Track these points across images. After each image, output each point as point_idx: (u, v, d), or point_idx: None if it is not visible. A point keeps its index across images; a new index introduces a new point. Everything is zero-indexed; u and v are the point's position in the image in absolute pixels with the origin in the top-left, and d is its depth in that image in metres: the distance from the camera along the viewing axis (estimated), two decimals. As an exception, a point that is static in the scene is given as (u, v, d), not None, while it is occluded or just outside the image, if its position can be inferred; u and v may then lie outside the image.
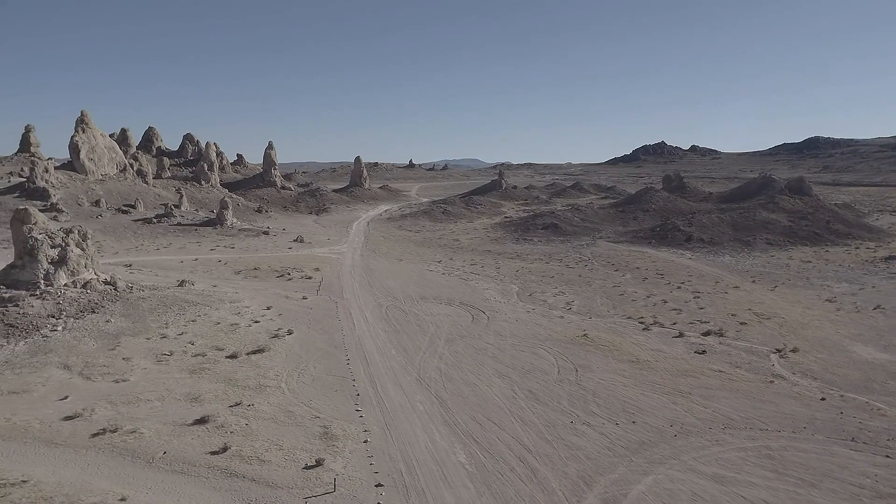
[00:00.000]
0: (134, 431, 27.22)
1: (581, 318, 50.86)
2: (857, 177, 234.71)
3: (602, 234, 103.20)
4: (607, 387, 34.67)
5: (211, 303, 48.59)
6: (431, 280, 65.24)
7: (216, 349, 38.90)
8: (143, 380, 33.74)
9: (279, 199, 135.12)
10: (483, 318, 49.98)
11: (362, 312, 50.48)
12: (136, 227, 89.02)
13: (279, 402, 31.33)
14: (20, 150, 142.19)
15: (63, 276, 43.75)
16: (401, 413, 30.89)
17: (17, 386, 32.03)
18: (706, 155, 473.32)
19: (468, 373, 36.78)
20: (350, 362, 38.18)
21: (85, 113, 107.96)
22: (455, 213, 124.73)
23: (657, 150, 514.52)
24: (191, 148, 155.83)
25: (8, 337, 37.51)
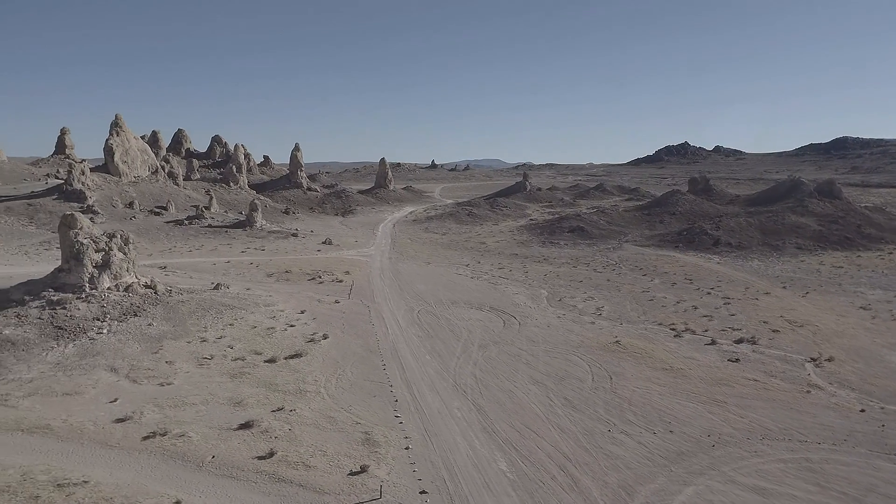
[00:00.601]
0: (182, 435, 28.06)
1: (612, 324, 50.95)
2: (888, 178, 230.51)
3: (628, 238, 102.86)
4: (642, 395, 34.84)
5: (246, 306, 49.58)
6: (460, 284, 65.71)
7: (255, 353, 39.75)
8: (187, 383, 34.66)
9: (305, 200, 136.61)
10: (514, 323, 50.33)
11: (394, 317, 51.12)
12: (169, 228, 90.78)
13: (320, 408, 32.02)
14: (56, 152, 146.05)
15: (107, 280, 45.00)
16: (439, 420, 31.41)
17: (70, 388, 33.14)
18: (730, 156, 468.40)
19: (504, 379, 37.19)
20: (386, 367, 38.80)
21: (119, 116, 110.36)
22: (480, 216, 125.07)
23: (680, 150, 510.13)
24: (219, 149, 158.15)
25: (58, 339, 38.74)
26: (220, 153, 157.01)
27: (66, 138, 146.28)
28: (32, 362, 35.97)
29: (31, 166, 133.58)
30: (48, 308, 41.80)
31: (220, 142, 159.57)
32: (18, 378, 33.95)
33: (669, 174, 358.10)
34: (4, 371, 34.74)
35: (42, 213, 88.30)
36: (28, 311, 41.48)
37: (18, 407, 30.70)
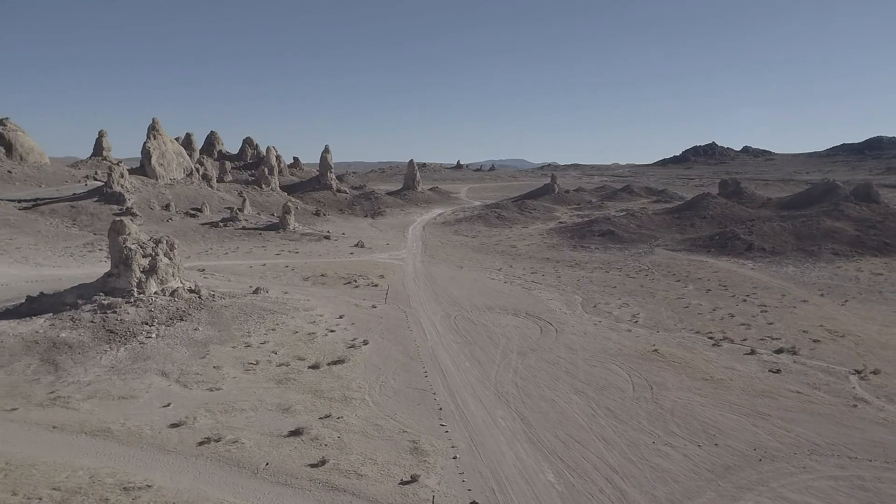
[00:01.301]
0: (236, 441, 28.84)
1: (649, 331, 50.89)
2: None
3: (659, 242, 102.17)
4: (684, 406, 34.88)
5: (286, 311, 50.48)
6: (494, 289, 66.05)
7: (298, 359, 40.54)
8: (235, 389, 35.53)
9: (335, 202, 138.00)
10: (551, 330, 50.54)
11: (432, 322, 51.66)
12: (204, 230, 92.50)
13: (366, 416, 32.62)
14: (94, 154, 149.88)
15: (153, 285, 46.21)
16: (484, 429, 31.82)
17: (125, 391, 34.21)
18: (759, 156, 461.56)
19: (545, 388, 37.48)
20: (428, 375, 39.31)
21: (156, 120, 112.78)
22: (510, 218, 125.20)
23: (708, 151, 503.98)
24: (250, 151, 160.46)
25: (110, 342, 39.94)
26: (251, 155, 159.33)
27: (104, 140, 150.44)
28: (88, 365, 37.17)
29: (70, 168, 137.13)
30: (100, 312, 43.10)
31: (252, 143, 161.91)
32: (77, 381, 35.13)
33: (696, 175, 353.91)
34: (64, 373, 35.97)
35: (84, 214, 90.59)
36: (81, 314, 42.83)
37: (80, 409, 31.81)
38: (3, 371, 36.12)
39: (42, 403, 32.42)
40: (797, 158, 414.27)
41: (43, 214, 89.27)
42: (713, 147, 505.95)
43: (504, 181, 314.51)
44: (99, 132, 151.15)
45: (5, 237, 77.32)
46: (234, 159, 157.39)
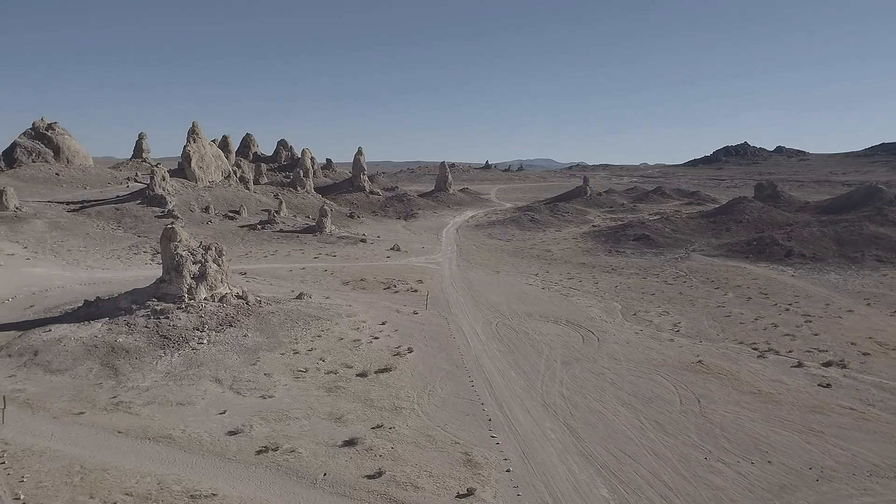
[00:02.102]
0: (293, 451, 29.48)
1: (691, 341, 50.58)
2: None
3: (695, 247, 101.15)
4: (733, 420, 34.69)
5: (330, 317, 51.25)
6: (533, 295, 66.16)
7: (346, 367, 41.20)
8: (287, 396, 36.28)
9: (368, 203, 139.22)
10: (593, 339, 50.53)
11: (473, 329, 52.01)
12: (243, 233, 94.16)
13: (417, 426, 33.10)
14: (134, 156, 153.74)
15: (203, 291, 47.33)
16: (534, 441, 32.07)
17: (182, 398, 35.20)
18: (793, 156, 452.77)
19: (591, 400, 37.58)
20: (474, 384, 39.66)
21: (196, 124, 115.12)
22: (543, 221, 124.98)
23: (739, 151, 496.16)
24: (284, 153, 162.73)
25: (164, 348, 41.08)
26: (285, 157, 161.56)
27: (143, 143, 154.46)
28: (146, 370, 38.30)
29: (112, 170, 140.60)
30: (153, 317, 44.31)
31: (286, 145, 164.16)
32: (137, 386, 36.24)
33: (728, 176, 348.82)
34: (123, 378, 37.13)
35: (128, 217, 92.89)
36: (136, 319, 44.09)
37: (141, 415, 32.84)
38: (68, 375, 37.43)
39: (106, 408, 33.54)
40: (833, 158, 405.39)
41: (90, 217, 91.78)
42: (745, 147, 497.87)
43: (533, 181, 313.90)
44: (139, 135, 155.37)
45: (58, 239, 79.72)
46: (269, 161, 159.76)
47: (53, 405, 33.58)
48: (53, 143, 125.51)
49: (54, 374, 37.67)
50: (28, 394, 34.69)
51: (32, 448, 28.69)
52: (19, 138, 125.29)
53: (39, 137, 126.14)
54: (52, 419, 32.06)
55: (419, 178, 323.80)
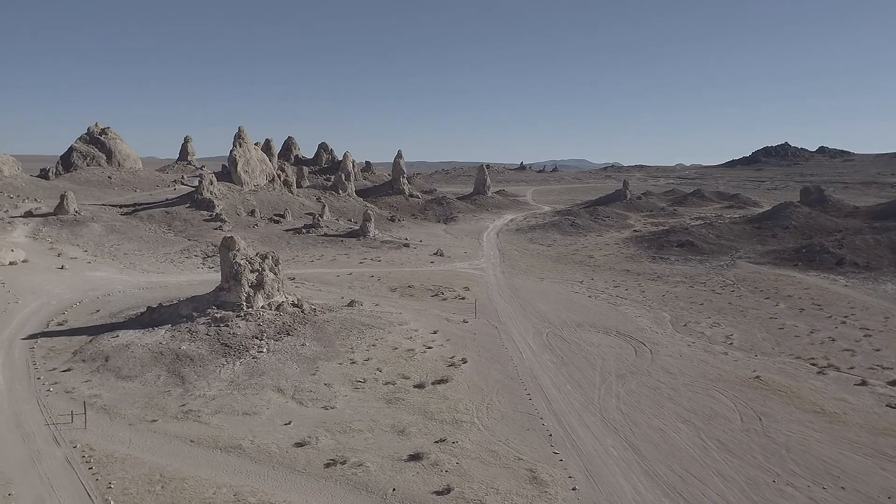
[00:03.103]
0: (360, 465, 30.00)
1: (746, 355, 49.85)
2: None
3: (741, 254, 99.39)
4: (799, 441, 34.16)
5: (383, 325, 51.85)
6: (580, 304, 65.90)
7: (403, 377, 41.67)
8: (348, 408, 36.87)
9: (408, 207, 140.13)
10: (645, 351, 50.17)
11: (524, 339, 52.07)
12: (288, 237, 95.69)
13: (479, 440, 33.37)
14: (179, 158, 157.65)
15: (261, 299, 48.38)
16: (597, 458, 32.07)
17: (247, 407, 36.07)
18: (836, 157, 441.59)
19: (651, 416, 37.38)
20: (531, 397, 39.78)
21: (241, 129, 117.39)
22: (583, 226, 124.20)
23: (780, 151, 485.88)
24: (325, 156, 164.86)
25: (226, 356, 42.13)
26: (325, 159, 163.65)
27: (189, 146, 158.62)
28: (210, 379, 39.33)
29: (159, 173, 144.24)
30: (213, 325, 45.46)
31: (326, 148, 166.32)
32: (203, 395, 37.26)
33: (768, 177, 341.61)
34: (190, 386, 38.21)
35: (178, 220, 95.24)
36: (197, 327, 45.30)
37: (210, 424, 33.78)
38: (138, 381, 38.68)
39: (176, 416, 34.57)
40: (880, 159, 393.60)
41: (142, 220, 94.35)
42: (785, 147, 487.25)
43: (568, 183, 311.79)
44: (185, 138, 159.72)
45: (114, 242, 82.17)
46: (309, 164, 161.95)
47: (128, 412, 34.77)
48: (106, 147, 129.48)
49: (125, 380, 38.96)
50: (104, 400, 35.97)
51: (115, 454, 29.82)
52: (76, 143, 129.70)
53: (93, 142, 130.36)
54: (129, 426, 33.21)
55: (454, 178, 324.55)
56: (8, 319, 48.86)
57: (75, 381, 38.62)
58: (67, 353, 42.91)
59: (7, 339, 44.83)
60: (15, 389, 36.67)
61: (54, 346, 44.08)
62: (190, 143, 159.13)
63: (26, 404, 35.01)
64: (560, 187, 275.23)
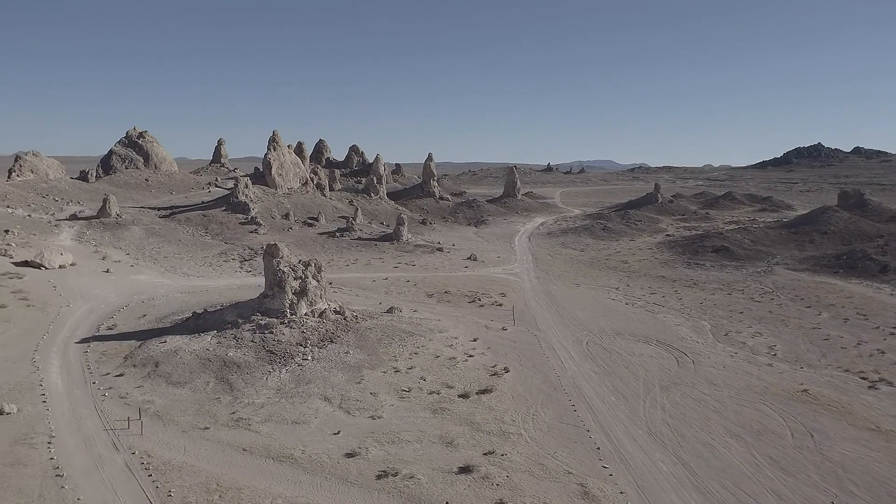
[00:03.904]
0: (412, 477, 30.17)
1: (791, 367, 49.05)
2: None
3: (777, 260, 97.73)
4: (855, 460, 33.53)
5: (423, 333, 52.05)
6: (617, 311, 65.45)
7: (447, 387, 41.80)
8: (395, 418, 37.08)
9: (438, 209, 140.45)
10: (687, 361, 49.66)
11: (564, 348, 51.90)
12: (323, 240, 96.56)
13: (528, 453, 33.34)
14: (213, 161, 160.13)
15: (304, 307, 48.93)
16: (647, 474, 31.85)
17: (296, 416, 36.51)
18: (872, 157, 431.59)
19: (698, 430, 37.00)
20: (576, 408, 39.66)
21: (276, 133, 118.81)
22: (616, 230, 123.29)
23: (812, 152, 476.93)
24: (356, 159, 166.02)
25: (272, 363, 42.69)
26: (356, 162, 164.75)
27: (222, 148, 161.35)
28: (257, 386, 39.90)
29: (194, 175, 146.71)
30: (258, 332, 46.09)
31: (357, 151, 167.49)
32: (252, 402, 37.82)
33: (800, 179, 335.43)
34: (238, 394, 38.82)
35: (214, 223, 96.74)
36: (242, 333, 45.98)
37: (261, 433, 34.27)
38: (188, 388, 39.42)
39: (227, 424, 35.14)
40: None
41: (180, 223, 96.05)
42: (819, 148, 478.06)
43: (596, 185, 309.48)
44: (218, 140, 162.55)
45: (154, 246, 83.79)
46: (340, 166, 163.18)
47: (180, 419, 35.44)
48: (144, 151, 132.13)
49: (176, 386, 39.72)
50: (157, 406, 36.72)
51: (171, 462, 30.43)
52: (115, 147, 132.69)
53: (132, 145, 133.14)
54: (182, 433, 33.85)
55: (481, 180, 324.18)
56: (62, 323, 50.12)
57: (128, 386, 39.49)
58: (119, 357, 43.91)
59: (62, 343, 46.02)
60: (74, 394, 37.63)
61: (106, 350, 45.12)
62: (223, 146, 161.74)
63: (84, 408, 35.92)
64: (588, 189, 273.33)
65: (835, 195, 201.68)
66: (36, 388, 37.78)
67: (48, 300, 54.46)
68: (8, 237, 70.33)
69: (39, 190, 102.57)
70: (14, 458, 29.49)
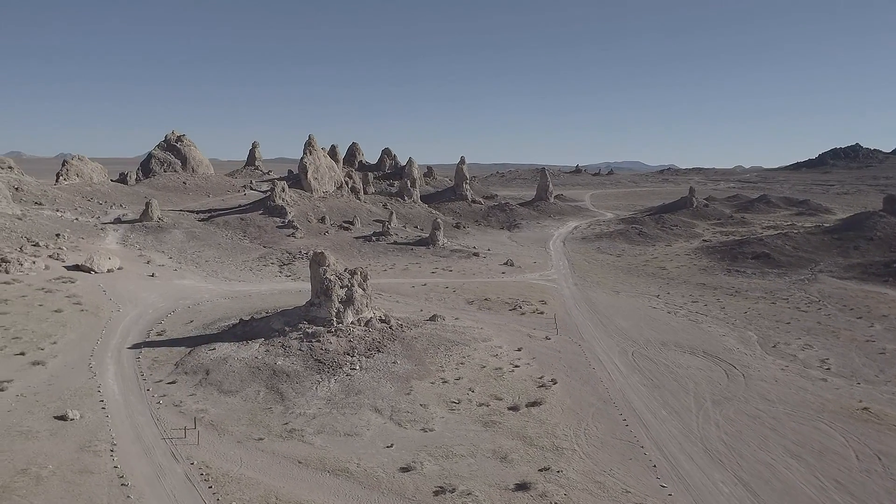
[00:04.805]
0: (469, 493, 29.90)
1: (847, 383, 47.77)
2: None
3: (821, 268, 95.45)
4: (926, 485, 32.44)
5: (467, 342, 51.82)
6: (660, 320, 64.49)
7: (495, 398, 41.51)
8: (447, 431, 36.88)
9: (471, 213, 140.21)
10: (737, 375, 48.67)
11: (610, 359, 51.26)
12: (359, 245, 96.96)
13: (583, 470, 32.91)
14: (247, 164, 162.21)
15: (350, 315, 49.05)
16: (708, 495, 31.20)
17: (348, 428, 36.52)
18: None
19: (756, 448, 36.17)
20: (627, 423, 39.08)
21: (311, 137, 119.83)
22: (651, 235, 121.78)
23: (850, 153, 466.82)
24: (388, 161, 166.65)
25: (320, 372, 42.82)
26: (389, 165, 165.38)
27: (256, 151, 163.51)
28: (308, 396, 40.03)
29: (229, 178, 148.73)
30: (305, 340, 46.31)
31: (390, 154, 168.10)
32: (304, 413, 37.94)
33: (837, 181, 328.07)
34: (290, 404, 38.99)
35: (252, 227, 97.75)
36: (290, 342, 46.24)
37: (314, 445, 34.34)
38: (239, 397, 39.73)
39: (281, 435, 35.29)
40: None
41: (218, 226, 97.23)
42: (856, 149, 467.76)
43: (626, 187, 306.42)
44: (252, 143, 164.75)
45: (195, 249, 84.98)
46: (373, 169, 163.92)
47: (234, 429, 35.70)
48: (181, 154, 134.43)
49: (227, 394, 40.06)
50: (210, 415, 37.06)
51: (230, 473, 30.64)
52: (154, 150, 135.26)
53: (170, 149, 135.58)
54: (237, 443, 34.08)
55: (510, 182, 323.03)
56: (113, 328, 50.97)
57: (181, 393, 39.92)
58: (170, 364, 44.45)
59: (115, 348, 46.78)
60: (130, 401, 38.15)
61: (157, 356, 45.73)
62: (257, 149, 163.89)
63: (141, 416, 36.39)
64: (618, 191, 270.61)
65: (875, 198, 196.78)
66: (94, 395, 38.41)
67: (100, 305, 55.46)
68: (59, 241, 71.85)
69: (84, 193, 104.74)
70: (81, 465, 29.98)
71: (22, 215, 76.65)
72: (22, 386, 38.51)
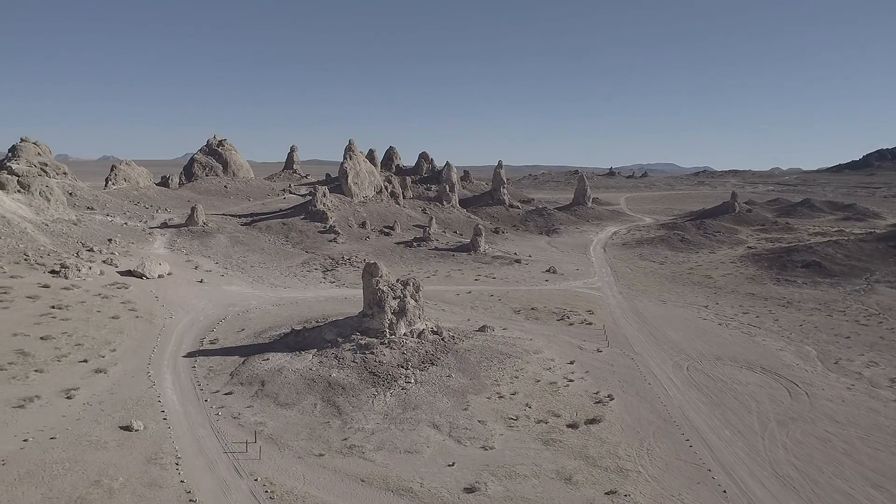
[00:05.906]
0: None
1: (920, 404, 45.84)
2: None
3: (877, 277, 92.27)
4: None
5: (519, 354, 51.13)
6: (712, 332, 62.91)
7: (553, 415, 40.77)
8: (507, 449, 36.24)
9: (508, 217, 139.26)
10: (800, 393, 47.09)
11: (665, 374, 50.08)
12: (400, 250, 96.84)
13: (651, 493, 32.01)
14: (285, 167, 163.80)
15: (402, 326, 48.75)
16: (785, 525, 30.07)
17: (408, 444, 36.11)
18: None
19: (830, 475, 34.82)
20: (691, 443, 38.00)
21: (352, 141, 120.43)
22: (694, 241, 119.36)
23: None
24: (425, 165, 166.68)
25: (375, 385, 42.57)
26: (426, 169, 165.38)
27: (294, 155, 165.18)
28: (365, 410, 39.78)
29: (268, 181, 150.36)
30: (359, 352, 46.12)
31: (427, 158, 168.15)
32: (362, 428, 37.69)
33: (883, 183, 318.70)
34: (347, 418, 38.78)
35: (294, 231, 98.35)
36: (343, 353, 46.12)
37: (375, 462, 34.02)
38: (296, 410, 39.67)
39: (341, 451, 35.04)
40: None
41: (261, 231, 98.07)
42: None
43: (660, 189, 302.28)
44: (290, 147, 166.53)
45: (240, 254, 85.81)
46: (410, 173, 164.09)
47: (294, 443, 35.59)
48: (223, 158, 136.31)
49: (284, 407, 40.04)
50: (269, 428, 37.04)
51: (293, 491, 30.49)
52: (196, 154, 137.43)
53: (212, 153, 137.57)
54: (298, 458, 33.94)
55: (543, 184, 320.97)
56: (167, 335, 51.55)
57: (238, 405, 40.02)
58: (225, 374, 44.67)
59: (171, 357, 47.25)
60: (189, 412, 38.35)
61: (212, 366, 46.02)
62: (295, 153, 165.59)
63: (202, 428, 36.52)
64: (653, 195, 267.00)
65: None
66: (155, 405, 38.74)
67: (153, 311, 56.18)
68: (112, 246, 73.12)
69: (132, 197, 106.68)
70: (149, 478, 30.13)
71: (77, 220, 78.20)
72: (87, 394, 39.06)
